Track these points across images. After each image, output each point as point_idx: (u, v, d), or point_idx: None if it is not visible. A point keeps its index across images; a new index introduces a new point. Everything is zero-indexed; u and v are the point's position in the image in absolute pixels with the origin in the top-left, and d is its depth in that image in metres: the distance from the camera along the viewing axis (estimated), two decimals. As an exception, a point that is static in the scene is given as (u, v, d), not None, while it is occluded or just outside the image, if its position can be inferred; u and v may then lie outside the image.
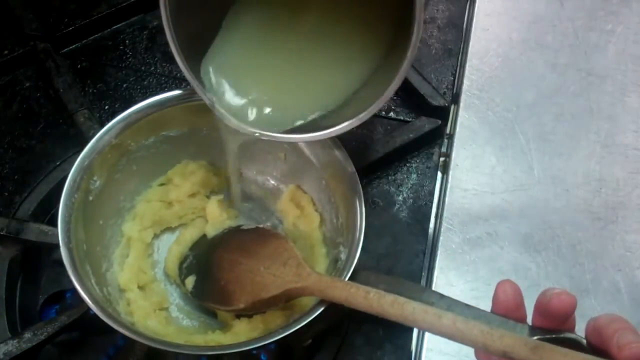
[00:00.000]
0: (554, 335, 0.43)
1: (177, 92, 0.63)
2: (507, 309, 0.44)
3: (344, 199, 0.60)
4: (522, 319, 0.45)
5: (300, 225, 0.65)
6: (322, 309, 0.52)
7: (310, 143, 0.62)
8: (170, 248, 0.64)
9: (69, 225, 0.55)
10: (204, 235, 0.64)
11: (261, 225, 0.65)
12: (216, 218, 0.64)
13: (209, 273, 0.60)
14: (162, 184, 0.66)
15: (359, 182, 0.59)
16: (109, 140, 0.60)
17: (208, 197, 0.67)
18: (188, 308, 0.63)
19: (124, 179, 0.64)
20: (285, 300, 0.55)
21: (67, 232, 0.55)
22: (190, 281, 0.61)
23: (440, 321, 0.43)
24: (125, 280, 0.61)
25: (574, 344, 0.42)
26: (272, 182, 0.68)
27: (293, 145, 0.64)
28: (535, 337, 0.43)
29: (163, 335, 0.57)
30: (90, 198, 0.60)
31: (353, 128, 0.75)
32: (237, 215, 0.67)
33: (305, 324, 0.51)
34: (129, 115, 0.61)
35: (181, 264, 0.63)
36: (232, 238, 0.62)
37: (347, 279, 0.53)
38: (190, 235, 0.64)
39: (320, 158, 0.63)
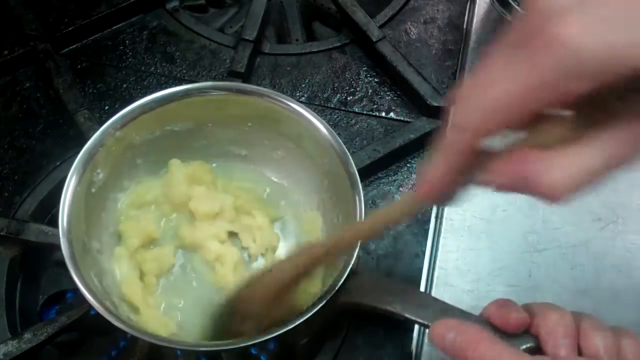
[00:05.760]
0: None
1: (182, 87, 0.62)
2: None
3: (344, 198, 0.60)
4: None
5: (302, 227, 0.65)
6: (320, 306, 0.52)
7: (312, 144, 0.63)
8: None
9: (71, 217, 0.55)
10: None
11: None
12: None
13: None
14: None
15: (359, 182, 0.59)
16: (113, 133, 0.60)
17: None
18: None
19: (128, 172, 0.64)
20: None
21: (68, 224, 0.55)
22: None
23: None
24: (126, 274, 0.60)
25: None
26: (275, 180, 0.68)
27: (294, 144, 0.65)
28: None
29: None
30: (93, 190, 0.60)
31: (352, 128, 0.76)
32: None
33: (301, 323, 0.51)
34: (134, 109, 0.61)
35: None
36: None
37: (344, 277, 0.53)
38: None
39: (321, 158, 0.63)
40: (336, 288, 0.53)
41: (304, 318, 0.51)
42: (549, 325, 0.43)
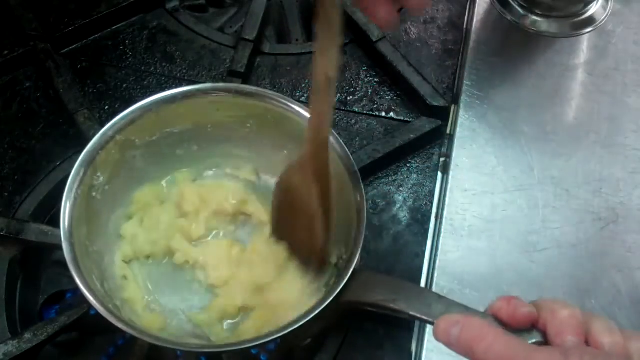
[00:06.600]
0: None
1: (181, 89, 0.63)
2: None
3: (346, 199, 0.60)
4: None
5: None
6: (323, 306, 0.52)
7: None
8: None
9: (72, 221, 0.55)
10: None
11: None
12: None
13: None
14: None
15: (361, 182, 0.59)
16: (112, 136, 0.60)
17: None
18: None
19: (128, 175, 0.64)
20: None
21: (69, 228, 0.55)
22: None
23: None
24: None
25: None
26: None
27: (295, 145, 0.64)
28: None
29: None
30: (94, 194, 0.60)
31: (352, 128, 0.76)
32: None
33: (305, 324, 0.51)
34: (134, 111, 0.61)
35: None
36: None
37: (347, 278, 0.53)
38: None
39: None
40: (339, 288, 0.53)
41: (307, 319, 0.51)
42: (558, 322, 0.42)
